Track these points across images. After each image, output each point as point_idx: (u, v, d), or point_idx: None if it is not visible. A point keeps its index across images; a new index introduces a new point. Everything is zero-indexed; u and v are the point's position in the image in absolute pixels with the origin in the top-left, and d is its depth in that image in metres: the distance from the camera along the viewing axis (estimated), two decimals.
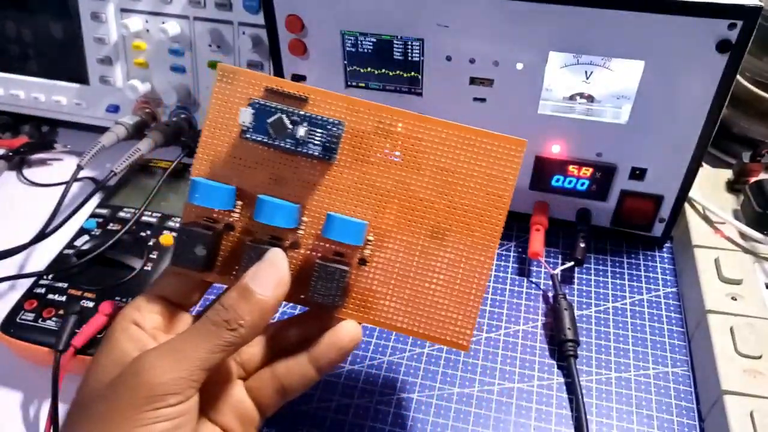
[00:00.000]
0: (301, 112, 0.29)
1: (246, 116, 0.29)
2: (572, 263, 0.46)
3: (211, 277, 0.31)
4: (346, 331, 0.31)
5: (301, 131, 0.29)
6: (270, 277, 0.28)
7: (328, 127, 0.29)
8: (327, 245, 0.30)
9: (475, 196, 0.30)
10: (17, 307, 0.42)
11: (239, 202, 0.30)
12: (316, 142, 0.29)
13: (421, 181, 0.30)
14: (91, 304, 0.41)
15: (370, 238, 0.30)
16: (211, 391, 0.30)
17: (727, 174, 0.51)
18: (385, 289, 0.30)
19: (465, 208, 0.30)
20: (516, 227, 0.51)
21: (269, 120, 0.29)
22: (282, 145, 0.29)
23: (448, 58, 0.44)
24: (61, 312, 0.41)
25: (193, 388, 0.26)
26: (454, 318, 0.30)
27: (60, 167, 0.61)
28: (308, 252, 0.30)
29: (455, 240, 0.30)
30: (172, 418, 0.26)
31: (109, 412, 0.26)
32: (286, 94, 0.29)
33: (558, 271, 0.46)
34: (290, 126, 0.29)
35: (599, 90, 0.43)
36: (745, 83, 0.55)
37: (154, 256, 0.45)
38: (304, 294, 0.30)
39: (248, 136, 0.29)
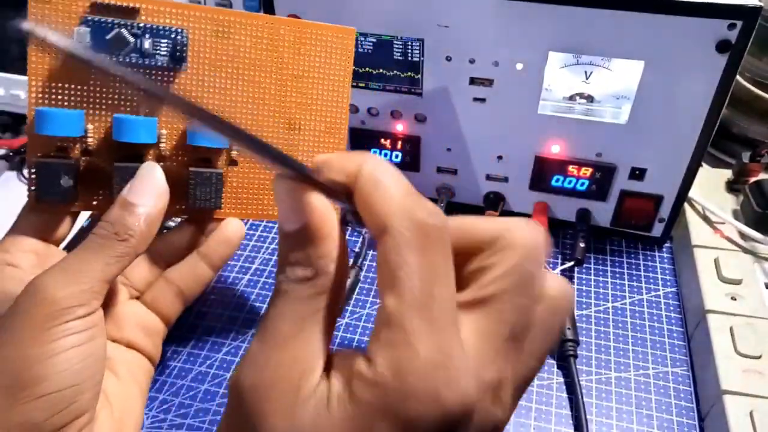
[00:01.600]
0: (141, 24, 0.28)
1: (81, 36, 0.27)
2: (572, 263, 0.46)
3: (78, 206, 0.31)
4: (232, 227, 0.33)
5: (147, 43, 0.28)
6: (148, 188, 0.28)
7: (172, 36, 0.28)
8: (192, 153, 0.31)
9: (321, 86, 0.33)
10: None
11: (90, 126, 0.29)
12: (162, 53, 0.28)
13: (270, 78, 0.32)
14: None
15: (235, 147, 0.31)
16: (110, 313, 0.31)
17: (727, 174, 0.51)
18: (257, 183, 0.32)
19: (313, 97, 0.33)
20: None
21: (108, 36, 0.27)
22: (128, 61, 0.28)
23: (448, 59, 0.44)
24: None
25: (96, 300, 0.26)
26: None
27: None
28: (175, 164, 0.31)
29: (310, 128, 0.33)
30: (81, 330, 0.25)
31: (15, 336, 0.25)
32: (116, 8, 0.28)
33: (558, 270, 0.46)
34: (132, 39, 0.28)
35: (599, 90, 0.43)
36: (745, 83, 0.55)
37: None
38: (181, 204, 0.31)
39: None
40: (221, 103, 0.31)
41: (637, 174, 0.45)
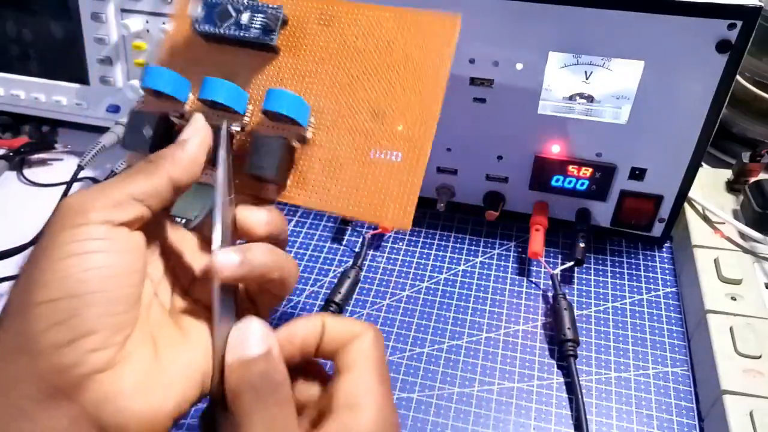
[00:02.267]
0: (244, 1, 0.31)
1: (194, 8, 0.31)
2: (572, 263, 0.46)
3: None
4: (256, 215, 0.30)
5: (245, 16, 0.31)
6: (188, 128, 0.29)
7: (268, 10, 0.31)
8: (266, 124, 0.31)
9: (413, 75, 0.30)
10: None
11: (191, 95, 0.31)
12: (256, 26, 0.31)
13: (360, 64, 0.31)
14: None
15: (312, 120, 0.31)
16: (194, 277, 0.30)
17: (727, 174, 0.51)
18: (328, 169, 0.30)
19: (403, 87, 0.30)
20: (516, 227, 0.51)
21: (216, 10, 0.31)
22: (227, 32, 0.31)
23: None
24: None
25: (118, 209, 0.25)
26: (396, 197, 0.30)
27: (60, 167, 0.61)
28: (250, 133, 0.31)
29: (395, 119, 0.30)
30: (91, 238, 0.24)
31: (41, 244, 0.24)
32: None
33: (558, 271, 0.46)
34: (234, 13, 0.31)
35: (599, 90, 0.43)
36: (745, 83, 0.55)
37: None
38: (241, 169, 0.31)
39: (197, 26, 0.31)
40: (309, 85, 0.31)
41: (637, 174, 0.45)
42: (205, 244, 0.31)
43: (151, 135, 0.30)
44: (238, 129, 0.30)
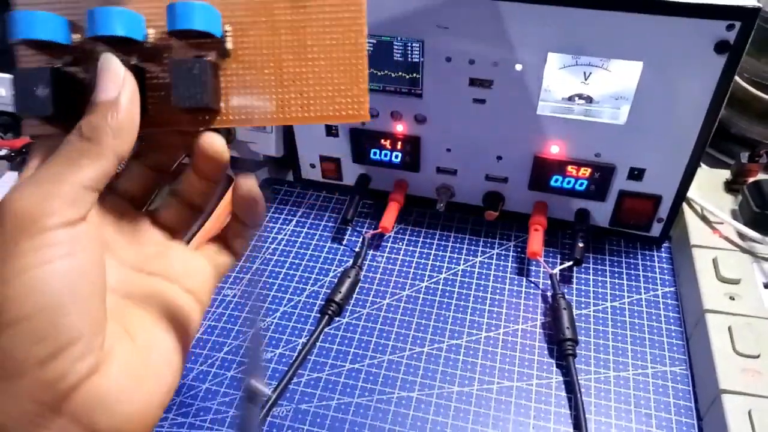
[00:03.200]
0: None
1: None
2: (571, 263, 0.46)
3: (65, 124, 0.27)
4: (209, 138, 0.28)
5: None
6: (107, 80, 0.25)
7: None
8: (183, 51, 0.26)
9: None
10: None
11: (76, 36, 0.26)
12: None
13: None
14: None
15: (227, 28, 0.26)
16: (152, 254, 0.28)
17: (725, 174, 0.51)
18: (260, 79, 0.27)
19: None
20: (515, 227, 0.51)
21: None
22: None
23: (448, 59, 0.44)
24: None
25: (74, 208, 0.23)
26: (344, 89, 0.27)
27: None
28: (165, 64, 0.27)
29: (318, 3, 0.26)
30: (54, 243, 0.22)
31: None
32: None
33: (557, 270, 0.46)
34: None
35: (598, 91, 0.43)
36: (743, 84, 0.55)
37: None
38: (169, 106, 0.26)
39: None
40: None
41: (636, 174, 0.46)
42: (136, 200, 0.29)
43: (49, 94, 0.25)
44: (139, 61, 0.26)
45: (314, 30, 0.26)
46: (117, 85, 0.25)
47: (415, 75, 0.45)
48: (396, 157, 0.50)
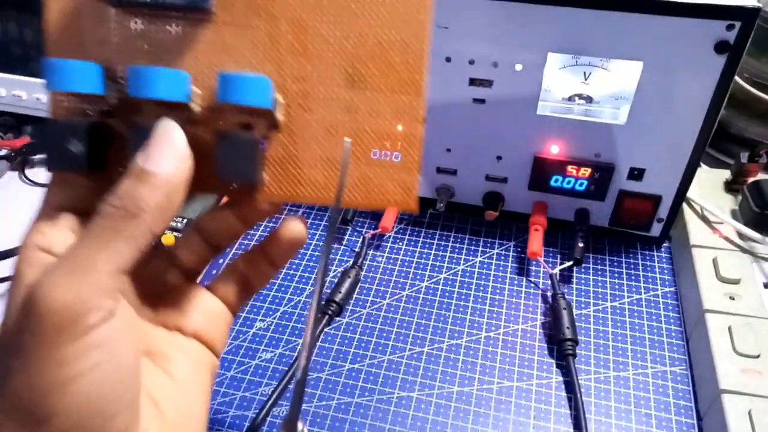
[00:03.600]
0: None
1: None
2: (571, 263, 0.46)
3: (103, 176, 0.25)
4: (290, 229, 0.28)
5: None
6: (164, 150, 0.23)
7: None
8: (231, 117, 0.25)
9: (388, 21, 0.24)
10: None
11: (113, 85, 0.25)
12: None
13: (322, 15, 0.25)
14: None
15: (280, 98, 0.25)
16: (163, 297, 0.27)
17: (725, 174, 0.51)
18: (311, 156, 0.25)
19: (379, 38, 0.25)
20: (515, 227, 0.51)
21: None
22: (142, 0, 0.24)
23: (448, 59, 0.44)
24: None
25: (111, 298, 0.21)
26: (394, 177, 0.26)
27: None
28: (211, 130, 0.25)
29: (377, 82, 0.25)
30: (98, 344, 0.20)
31: (22, 361, 0.20)
32: None
33: (557, 270, 0.46)
34: None
35: (598, 91, 0.43)
36: (743, 84, 0.55)
37: None
38: (214, 179, 0.25)
39: None
40: (265, 49, 0.25)
41: (636, 174, 0.46)
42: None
43: (84, 150, 0.24)
44: (183, 122, 0.25)
45: (369, 113, 0.25)
46: (174, 158, 0.23)
47: None
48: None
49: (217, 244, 0.29)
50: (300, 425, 0.25)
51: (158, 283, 0.27)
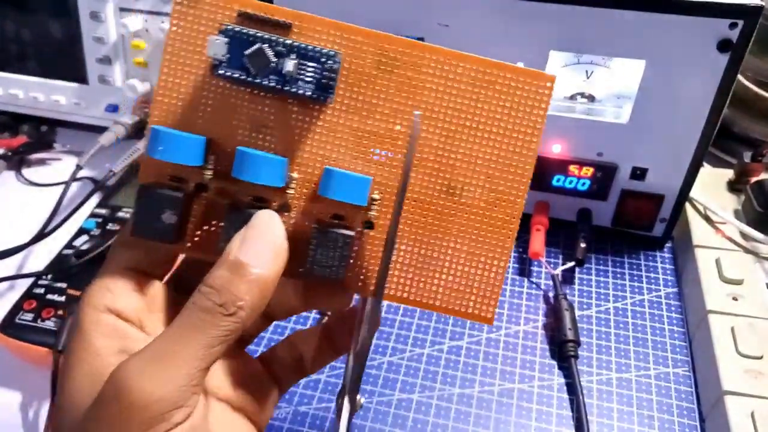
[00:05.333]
0: (287, 41, 0.24)
1: (217, 47, 0.23)
2: (573, 263, 0.46)
3: (182, 249, 0.25)
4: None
5: (290, 65, 0.23)
6: (264, 246, 0.22)
7: (322, 60, 0.24)
8: (324, 207, 0.25)
9: (497, 143, 0.25)
10: (16, 308, 0.41)
11: (211, 157, 0.25)
12: (307, 78, 0.24)
13: (432, 126, 0.25)
14: None
15: (376, 196, 0.25)
16: (222, 369, 0.26)
17: (728, 174, 0.51)
18: (395, 257, 0.26)
19: (485, 157, 0.25)
20: None
21: (247, 51, 0.23)
22: (264, 83, 0.24)
23: None
24: (60, 312, 0.41)
25: (196, 394, 0.21)
26: (476, 287, 0.26)
27: (59, 167, 0.61)
28: (301, 216, 0.25)
29: (474, 196, 0.25)
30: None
31: None
32: (265, 20, 0.24)
33: (559, 271, 0.46)
34: (274, 59, 0.24)
35: (600, 89, 0.42)
36: (746, 83, 0.55)
37: None
38: (300, 266, 0.25)
39: (221, 72, 0.23)
40: (364, 149, 0.25)
41: (638, 174, 0.45)
42: None
43: (176, 222, 0.24)
44: (281, 209, 0.25)
45: (461, 223, 0.26)
46: (274, 255, 0.23)
47: None
48: None
49: (270, 316, 0.28)
50: (358, 397, 0.25)
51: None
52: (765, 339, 0.38)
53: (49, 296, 0.42)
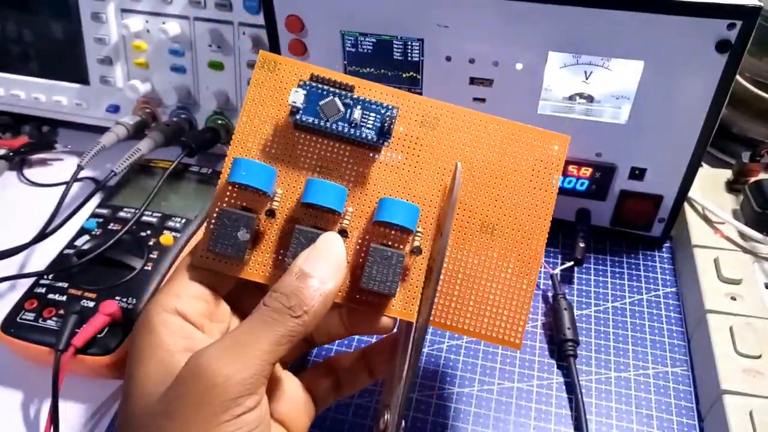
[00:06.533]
0: (354, 96, 0.29)
1: (297, 96, 0.28)
2: (572, 263, 0.46)
3: (245, 270, 0.29)
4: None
5: (356, 113, 0.28)
6: (328, 261, 0.26)
7: (382, 111, 0.29)
8: (375, 234, 0.29)
9: (521, 190, 0.30)
10: (17, 307, 0.42)
11: (279, 190, 0.29)
12: (369, 125, 0.29)
13: (468, 174, 0.30)
14: (91, 304, 0.41)
15: (420, 229, 0.29)
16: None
17: (727, 174, 0.51)
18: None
19: (512, 201, 0.30)
20: None
21: (321, 102, 0.28)
22: (335, 128, 0.28)
23: (448, 58, 0.44)
24: (61, 312, 0.41)
25: (264, 386, 0.23)
26: (505, 314, 0.30)
27: (60, 167, 0.61)
28: (355, 241, 0.29)
29: (504, 234, 0.30)
30: (253, 426, 0.22)
31: (184, 427, 0.22)
32: (333, 82, 0.29)
33: (558, 270, 0.46)
34: (343, 108, 0.28)
35: (599, 90, 0.43)
36: (745, 83, 0.55)
37: (155, 256, 0.45)
38: (352, 288, 0.29)
39: (298, 117, 0.28)
40: (414, 190, 0.30)
41: (637, 174, 0.45)
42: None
43: (248, 240, 0.28)
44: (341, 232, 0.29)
45: (493, 257, 0.30)
46: (336, 269, 0.26)
47: (414, 74, 0.45)
48: None
49: (311, 341, 0.30)
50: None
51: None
52: (763, 338, 0.38)
53: (51, 296, 0.42)
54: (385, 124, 0.28)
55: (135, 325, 0.26)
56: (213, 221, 0.28)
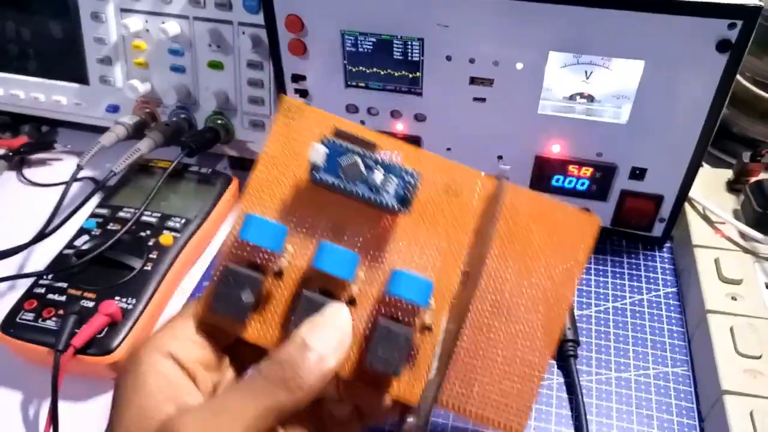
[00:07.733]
0: (376, 157, 0.27)
1: (318, 155, 0.26)
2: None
3: (246, 331, 0.27)
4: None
5: (379, 177, 0.26)
6: (331, 334, 0.24)
7: (404, 176, 0.27)
8: (386, 303, 0.27)
9: (543, 272, 0.28)
10: (17, 307, 0.41)
11: (289, 247, 0.27)
12: (390, 190, 0.27)
13: (485, 245, 0.28)
14: (91, 304, 0.41)
15: (432, 303, 0.27)
16: None
17: (727, 174, 0.51)
18: (443, 361, 0.27)
19: (532, 280, 0.27)
20: None
21: (344, 162, 0.26)
22: (355, 190, 0.26)
23: (448, 58, 0.43)
24: (60, 312, 0.41)
25: None
26: (513, 402, 0.28)
27: (60, 167, 0.61)
28: (366, 309, 0.27)
29: (518, 318, 0.28)
30: None
31: None
32: (355, 138, 0.27)
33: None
34: (365, 171, 0.26)
35: (599, 90, 0.43)
36: (745, 83, 0.55)
37: (154, 256, 0.45)
38: (354, 364, 0.27)
39: (318, 175, 0.26)
40: (429, 259, 0.28)
41: (638, 174, 0.45)
42: None
43: (252, 302, 0.26)
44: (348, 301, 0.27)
45: (504, 341, 0.28)
46: (339, 344, 0.24)
47: (415, 74, 0.45)
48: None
49: (323, 429, 0.29)
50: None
51: None
52: (764, 338, 0.38)
53: (50, 296, 0.42)
54: (407, 193, 0.27)
55: (126, 359, 0.26)
56: (217, 278, 0.27)
